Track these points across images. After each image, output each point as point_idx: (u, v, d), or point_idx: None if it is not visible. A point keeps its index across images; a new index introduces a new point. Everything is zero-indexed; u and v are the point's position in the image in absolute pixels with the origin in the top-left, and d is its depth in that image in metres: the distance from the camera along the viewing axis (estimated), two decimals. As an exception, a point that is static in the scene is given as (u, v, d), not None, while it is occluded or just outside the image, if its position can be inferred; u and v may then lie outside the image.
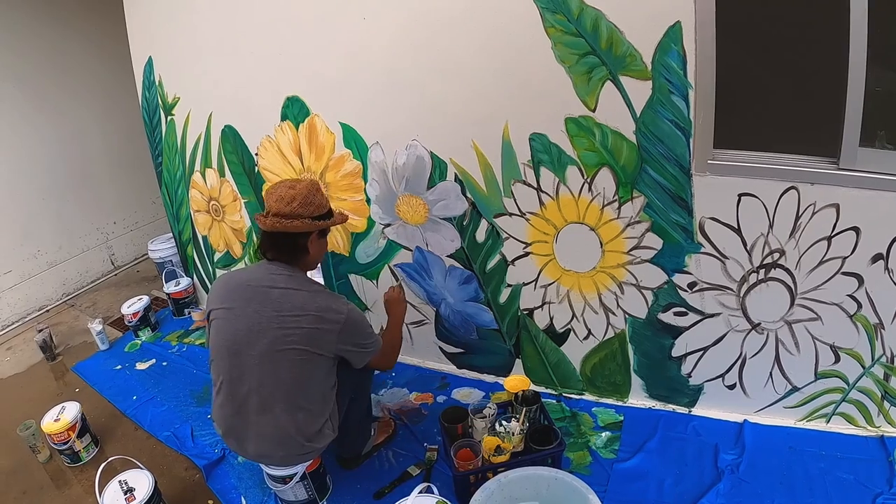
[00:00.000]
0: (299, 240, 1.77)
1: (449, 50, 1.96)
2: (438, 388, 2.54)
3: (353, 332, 1.76)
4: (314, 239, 1.81)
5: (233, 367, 1.72)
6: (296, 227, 1.73)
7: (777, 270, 1.85)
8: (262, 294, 1.73)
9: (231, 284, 1.81)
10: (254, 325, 1.70)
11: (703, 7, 1.59)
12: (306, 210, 1.74)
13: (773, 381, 2.04)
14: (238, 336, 1.72)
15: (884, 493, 1.77)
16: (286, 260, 1.80)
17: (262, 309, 1.71)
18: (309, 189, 1.76)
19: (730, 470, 1.91)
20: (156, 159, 3.19)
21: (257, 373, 1.70)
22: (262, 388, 1.70)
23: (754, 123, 1.87)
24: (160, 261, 3.58)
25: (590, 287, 2.13)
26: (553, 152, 1.95)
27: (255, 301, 1.72)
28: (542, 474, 1.69)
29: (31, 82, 3.53)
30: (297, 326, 1.68)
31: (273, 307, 1.70)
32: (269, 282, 1.75)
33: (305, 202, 1.73)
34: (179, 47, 2.66)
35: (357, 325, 1.78)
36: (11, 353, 3.28)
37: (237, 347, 1.71)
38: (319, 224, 1.77)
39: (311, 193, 1.76)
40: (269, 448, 1.75)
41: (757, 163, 1.75)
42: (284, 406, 1.70)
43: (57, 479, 2.28)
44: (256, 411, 1.72)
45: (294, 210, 1.72)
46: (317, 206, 1.77)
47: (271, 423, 1.72)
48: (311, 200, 1.75)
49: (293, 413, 1.71)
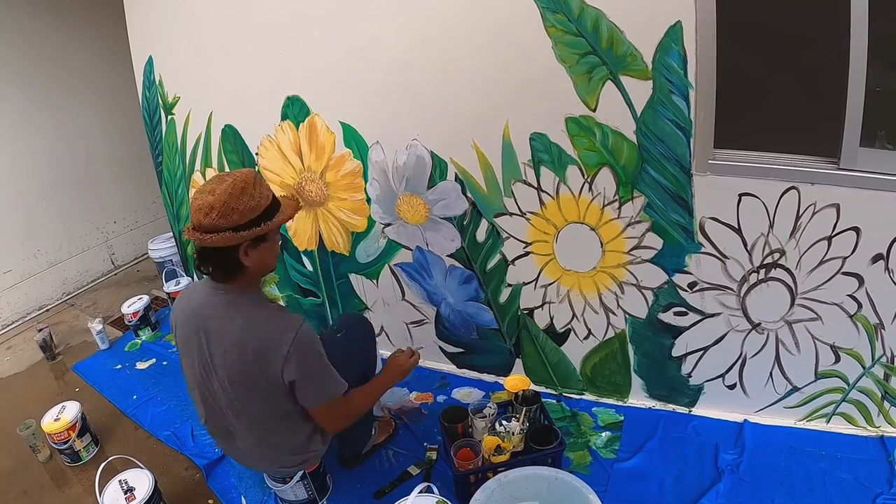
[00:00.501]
0: (230, 254, 1.50)
1: (449, 49, 1.96)
2: (438, 387, 2.54)
3: (300, 362, 1.52)
4: (248, 250, 1.51)
5: (205, 404, 1.72)
6: (215, 241, 1.45)
7: (777, 270, 1.85)
8: (203, 325, 1.58)
9: (181, 314, 1.66)
10: (204, 363, 1.60)
11: (704, 7, 1.59)
12: (227, 221, 1.44)
13: (773, 381, 2.04)
14: (196, 374, 1.65)
15: (884, 493, 1.77)
16: (222, 278, 1.57)
17: (207, 344, 1.58)
18: (230, 193, 1.44)
19: (730, 470, 1.91)
20: (156, 159, 3.19)
21: (227, 408, 1.67)
22: (237, 419, 1.68)
23: (755, 123, 1.87)
24: (160, 260, 3.58)
25: (590, 287, 2.13)
26: (553, 152, 1.95)
27: (200, 333, 1.58)
28: (543, 474, 1.68)
29: (31, 81, 3.53)
30: (243, 362, 1.52)
31: (215, 342, 1.56)
32: (209, 308, 1.58)
33: (225, 211, 1.44)
34: (180, 47, 2.66)
35: (305, 353, 1.53)
36: (11, 353, 3.28)
37: (200, 385, 1.67)
38: (245, 235, 1.47)
39: (231, 198, 1.44)
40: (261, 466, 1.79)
41: (757, 163, 1.75)
42: (262, 430, 1.69)
43: (57, 479, 2.28)
44: (240, 437, 1.73)
45: (213, 222, 1.44)
46: (241, 213, 1.46)
47: (255, 446, 1.73)
48: (234, 207, 1.44)
49: (274, 435, 1.70)
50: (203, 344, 1.59)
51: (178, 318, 1.69)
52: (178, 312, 1.70)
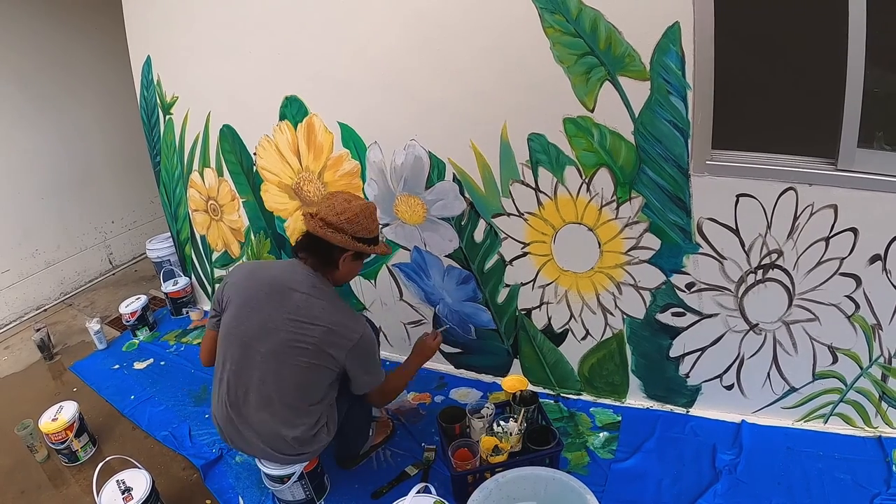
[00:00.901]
0: (334, 253, 1.75)
1: (447, 50, 1.96)
2: (436, 387, 2.54)
3: (361, 357, 1.75)
4: (348, 258, 1.78)
5: (241, 357, 1.73)
6: (334, 239, 1.71)
7: (775, 271, 1.85)
8: (282, 294, 1.72)
9: (256, 276, 1.80)
10: (267, 323, 1.70)
11: (702, 8, 1.59)
12: (351, 227, 1.72)
13: (770, 382, 2.04)
14: (250, 329, 1.72)
15: (881, 493, 1.77)
16: (315, 266, 1.78)
17: (279, 309, 1.70)
18: (363, 209, 1.75)
19: (727, 470, 1.92)
20: (154, 159, 3.18)
21: (261, 369, 1.70)
22: (263, 386, 1.70)
23: (752, 124, 1.87)
24: (158, 260, 3.57)
25: (588, 287, 2.13)
26: (551, 152, 1.95)
27: (274, 299, 1.72)
28: (540, 474, 1.68)
29: (30, 81, 3.53)
30: (309, 335, 1.68)
31: (290, 310, 1.69)
32: (294, 284, 1.73)
33: (353, 220, 1.72)
34: (178, 46, 2.66)
35: (367, 350, 1.76)
36: (9, 353, 3.27)
37: (247, 340, 1.72)
38: (358, 246, 1.75)
39: (362, 214, 1.75)
40: (262, 445, 1.76)
41: (755, 163, 1.75)
42: (282, 406, 1.71)
43: (55, 479, 2.28)
44: (255, 406, 1.73)
45: (340, 223, 1.71)
46: (362, 228, 1.75)
47: (267, 421, 1.72)
48: (359, 220, 1.74)
49: (290, 415, 1.72)
50: (274, 308, 1.70)
51: (245, 281, 1.80)
52: (245, 276, 1.81)
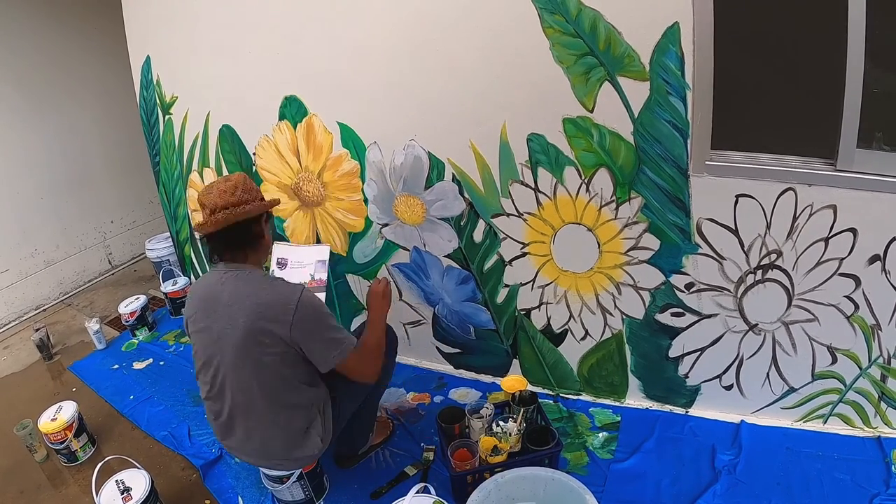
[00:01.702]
0: (253, 226, 1.71)
1: (447, 50, 1.96)
2: (435, 388, 2.54)
3: (308, 324, 1.63)
4: (265, 221, 1.76)
5: (212, 383, 1.72)
6: (249, 211, 1.66)
7: (774, 271, 1.85)
8: (214, 301, 1.68)
9: (194, 298, 1.77)
10: (216, 335, 1.67)
11: (702, 8, 1.59)
12: (251, 195, 1.70)
13: (770, 382, 2.04)
14: (207, 350, 1.70)
15: (881, 493, 1.77)
16: (240, 257, 1.72)
17: (218, 316, 1.66)
18: (244, 177, 1.72)
19: (727, 470, 1.92)
20: (153, 158, 3.18)
21: (232, 384, 1.68)
22: (241, 395, 1.69)
23: (752, 124, 1.87)
24: (157, 260, 3.58)
25: (587, 287, 2.13)
26: (551, 153, 1.95)
27: (211, 310, 1.68)
28: (540, 474, 1.68)
29: (28, 82, 3.53)
30: (248, 326, 1.61)
31: (225, 312, 1.65)
32: (219, 286, 1.69)
33: (247, 188, 1.69)
34: (177, 46, 2.66)
35: (312, 316, 1.65)
36: (8, 353, 3.27)
37: (210, 361, 1.70)
38: (266, 204, 1.74)
39: (247, 180, 1.72)
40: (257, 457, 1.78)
41: (754, 164, 1.76)
42: (261, 412, 1.68)
43: (54, 479, 2.28)
44: (240, 423, 1.73)
45: (241, 197, 1.67)
46: (255, 191, 1.73)
47: (255, 435, 1.72)
48: (251, 186, 1.72)
49: (274, 418, 1.70)
50: (215, 319, 1.67)
51: (192, 301, 1.78)
52: (192, 297, 1.79)
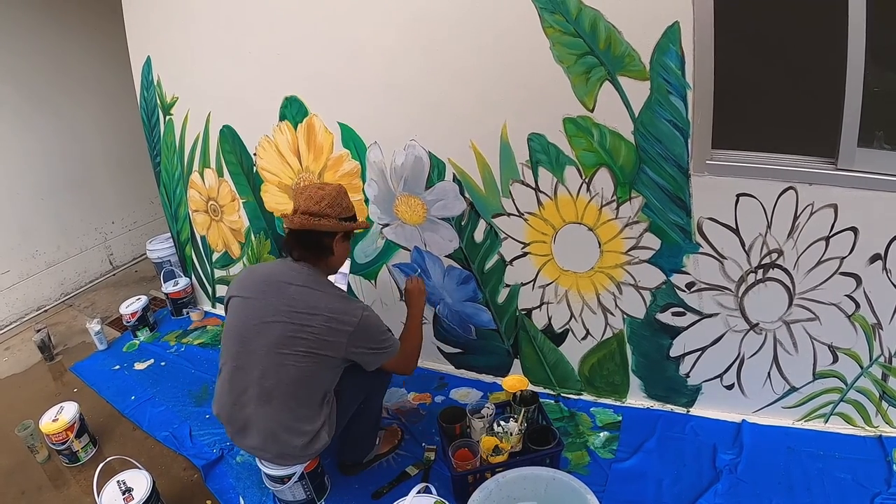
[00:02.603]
0: (325, 239, 1.79)
1: (447, 50, 1.96)
2: (437, 388, 2.54)
3: (365, 336, 1.75)
4: (339, 240, 1.82)
5: (240, 354, 1.75)
6: (323, 225, 1.76)
7: (775, 271, 1.85)
8: (278, 288, 1.75)
9: (253, 275, 1.85)
10: (265, 317, 1.72)
11: (702, 7, 1.59)
12: (334, 210, 1.77)
13: (771, 382, 2.04)
14: (249, 325, 1.74)
15: (882, 492, 1.77)
16: (310, 260, 1.82)
17: (276, 302, 1.73)
18: (338, 191, 1.80)
19: (728, 470, 1.92)
20: (154, 159, 3.19)
21: (262, 364, 1.71)
22: (263, 380, 1.71)
23: (752, 124, 1.87)
24: (158, 261, 3.58)
25: (588, 287, 2.13)
26: (551, 152, 1.95)
27: (270, 293, 1.75)
28: (541, 474, 1.68)
29: (29, 83, 3.53)
30: (307, 325, 1.69)
31: (287, 302, 1.72)
32: (288, 278, 1.77)
33: (333, 203, 1.77)
34: (178, 47, 2.66)
35: (369, 329, 1.77)
36: (10, 353, 3.27)
37: (247, 336, 1.74)
38: (345, 225, 1.81)
39: (339, 195, 1.80)
40: (263, 442, 1.75)
41: (755, 163, 1.75)
42: (283, 401, 1.70)
43: (55, 480, 2.28)
44: (255, 402, 1.73)
45: (322, 209, 1.76)
46: (344, 209, 1.81)
47: (268, 417, 1.72)
48: (340, 202, 1.79)
49: (291, 410, 1.71)
50: (270, 302, 1.73)
51: (244, 282, 1.84)
52: (244, 278, 1.86)
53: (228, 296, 1.84)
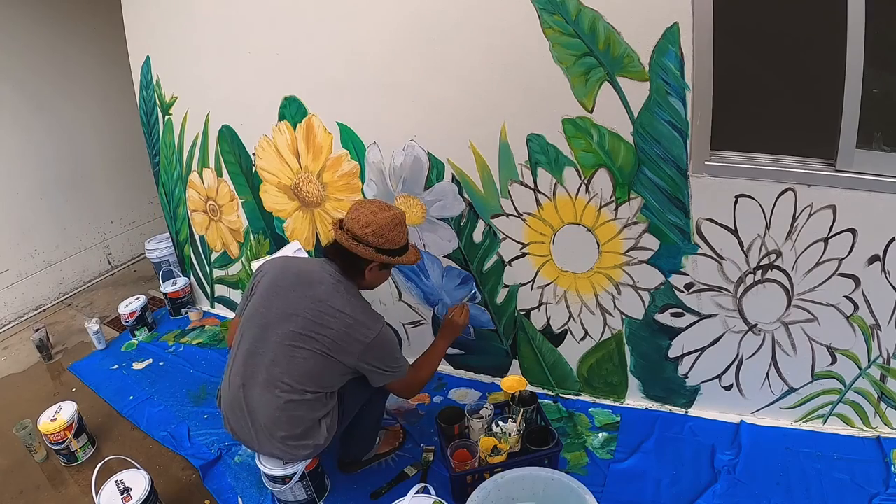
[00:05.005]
0: (359, 263, 1.80)
1: (447, 51, 1.96)
2: (435, 388, 2.53)
3: (377, 353, 1.76)
4: (374, 268, 1.82)
5: (257, 338, 1.77)
6: (358, 251, 1.76)
7: (774, 272, 1.86)
8: (308, 284, 1.78)
9: (286, 266, 1.86)
10: (289, 308, 1.74)
11: (701, 9, 1.59)
12: (376, 240, 1.76)
13: (769, 382, 2.04)
14: (271, 312, 1.77)
15: (880, 493, 1.77)
16: (345, 272, 1.83)
17: (303, 296, 1.75)
18: (389, 222, 1.78)
19: (726, 470, 1.92)
20: (153, 159, 3.18)
21: (275, 351, 1.73)
22: (273, 367, 1.73)
23: (751, 125, 1.87)
24: (157, 260, 3.57)
25: (587, 288, 2.13)
26: (550, 153, 1.95)
27: (299, 288, 1.77)
28: (539, 475, 1.68)
29: (27, 83, 3.52)
30: (327, 325, 1.71)
31: (313, 299, 1.74)
32: (319, 278, 1.79)
33: (378, 233, 1.76)
34: (177, 47, 2.66)
35: (384, 347, 1.78)
36: (8, 353, 3.27)
37: (267, 322, 1.76)
38: (382, 258, 1.79)
39: (388, 227, 1.77)
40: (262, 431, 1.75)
41: (754, 164, 1.76)
42: (288, 389, 1.71)
43: (53, 479, 2.28)
44: (261, 387, 1.74)
45: (364, 235, 1.76)
46: (388, 241, 1.78)
47: (270, 403, 1.72)
48: (385, 234, 1.77)
49: (294, 400, 1.71)
50: (299, 295, 1.76)
51: (272, 271, 1.85)
52: (276, 265, 1.88)
53: (257, 279, 1.86)
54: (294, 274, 1.82)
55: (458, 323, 2.09)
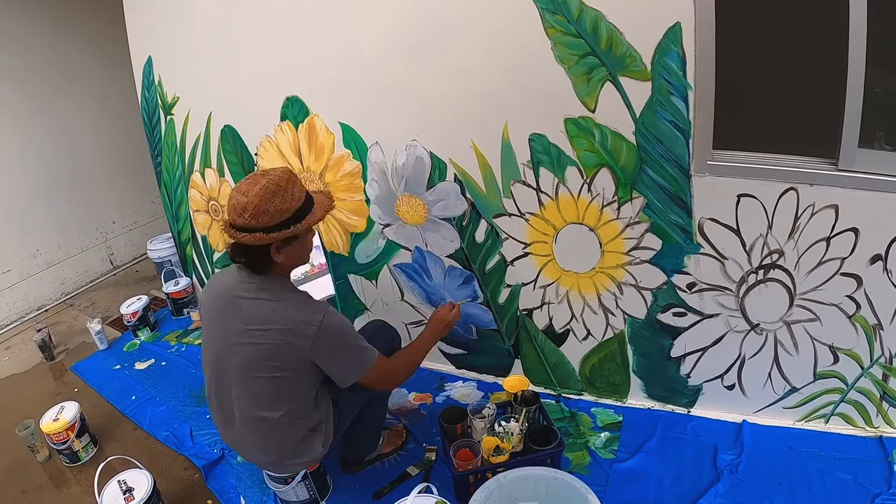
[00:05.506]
0: (261, 252, 1.57)
1: (449, 50, 1.96)
2: (437, 388, 2.54)
3: (328, 347, 1.61)
4: (279, 247, 1.58)
5: (218, 380, 1.72)
6: (247, 240, 1.52)
7: (776, 271, 1.86)
8: (232, 305, 1.63)
9: (211, 292, 1.74)
10: (228, 338, 1.64)
11: (703, 8, 1.59)
12: (258, 221, 1.50)
13: (771, 382, 2.04)
14: (217, 349, 1.68)
15: (882, 493, 1.77)
16: (258, 270, 1.62)
17: (232, 322, 1.62)
18: (262, 195, 1.49)
19: (729, 470, 1.92)
20: (155, 159, 3.19)
21: (235, 387, 1.68)
22: (240, 402, 1.69)
23: (753, 124, 1.87)
24: (159, 260, 3.58)
25: (589, 287, 2.13)
26: (552, 153, 1.95)
27: (227, 313, 1.64)
28: (542, 474, 1.69)
29: (28, 83, 3.52)
30: (263, 342, 1.58)
31: (241, 320, 1.60)
32: (240, 290, 1.63)
33: (257, 213, 1.49)
34: (179, 47, 2.66)
35: (333, 338, 1.61)
36: (10, 353, 3.27)
37: (217, 361, 1.69)
38: (275, 236, 1.52)
39: (263, 201, 1.49)
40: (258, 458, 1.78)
41: (756, 164, 1.76)
42: (262, 419, 1.67)
43: (56, 479, 2.28)
44: (240, 423, 1.73)
45: (246, 222, 1.51)
46: (272, 215, 1.51)
47: (255, 437, 1.72)
48: (265, 209, 1.50)
49: (273, 426, 1.68)
50: (229, 321, 1.63)
51: (207, 298, 1.75)
52: (207, 293, 1.77)
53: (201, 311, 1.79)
54: (218, 297, 1.67)
55: (447, 320, 1.96)
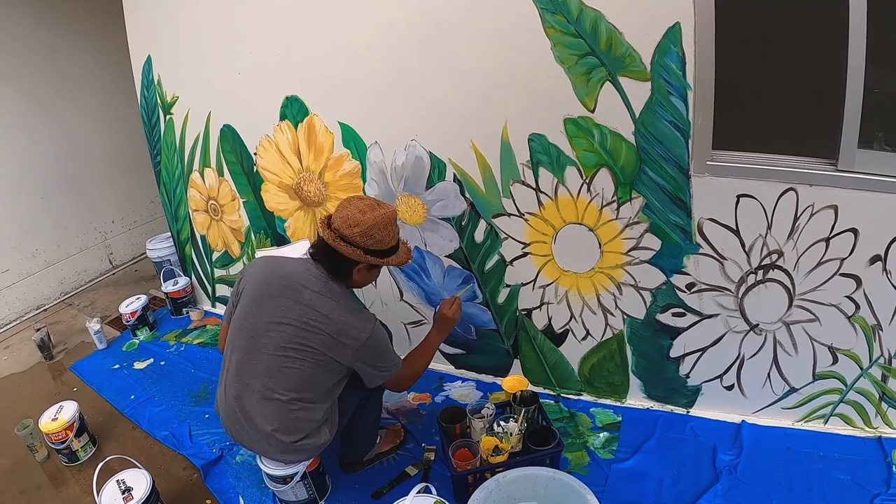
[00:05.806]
0: (346, 263, 1.75)
1: (448, 50, 1.96)
2: (436, 388, 2.54)
3: (371, 354, 1.75)
4: (361, 269, 1.78)
5: (247, 349, 1.74)
6: (345, 251, 1.71)
7: (775, 271, 1.86)
8: (294, 290, 1.73)
9: (271, 270, 1.81)
10: (277, 317, 1.71)
11: (703, 8, 1.59)
12: (363, 241, 1.71)
13: (771, 382, 2.04)
14: (259, 322, 1.73)
15: (881, 493, 1.77)
16: (331, 271, 1.78)
17: (290, 304, 1.71)
18: (378, 222, 1.71)
19: (728, 470, 1.92)
20: (154, 158, 3.18)
21: (267, 362, 1.71)
22: (267, 378, 1.71)
23: (753, 125, 1.87)
24: (158, 260, 3.57)
25: (588, 287, 2.13)
26: (552, 153, 1.95)
27: (285, 294, 1.73)
28: (541, 474, 1.69)
29: (28, 83, 3.52)
30: (316, 332, 1.69)
31: (300, 307, 1.71)
32: (306, 281, 1.74)
33: (367, 233, 1.70)
34: (179, 46, 2.66)
35: (377, 347, 1.76)
36: (9, 352, 3.27)
37: (255, 332, 1.74)
38: (371, 259, 1.74)
39: (377, 227, 1.71)
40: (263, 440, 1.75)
41: (755, 164, 1.76)
42: (284, 400, 1.70)
43: (55, 479, 2.28)
44: (258, 398, 1.72)
45: (352, 236, 1.70)
46: (377, 241, 1.73)
47: (269, 413, 1.72)
48: (373, 234, 1.71)
49: (292, 409, 1.71)
50: (284, 302, 1.72)
51: (263, 276, 1.80)
52: (264, 271, 1.81)
53: (243, 284, 1.82)
54: (279, 278, 1.77)
55: (449, 316, 2.03)
